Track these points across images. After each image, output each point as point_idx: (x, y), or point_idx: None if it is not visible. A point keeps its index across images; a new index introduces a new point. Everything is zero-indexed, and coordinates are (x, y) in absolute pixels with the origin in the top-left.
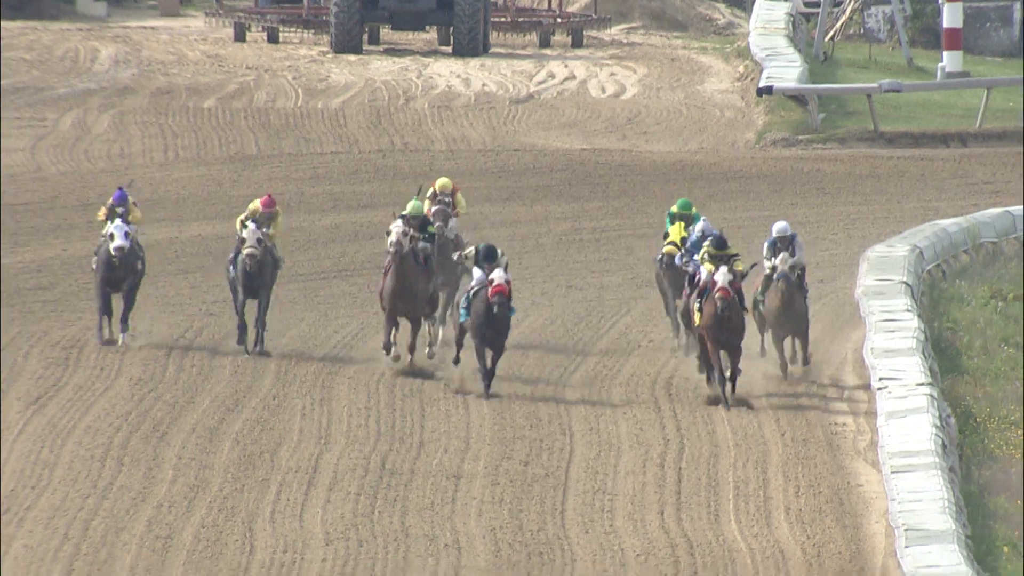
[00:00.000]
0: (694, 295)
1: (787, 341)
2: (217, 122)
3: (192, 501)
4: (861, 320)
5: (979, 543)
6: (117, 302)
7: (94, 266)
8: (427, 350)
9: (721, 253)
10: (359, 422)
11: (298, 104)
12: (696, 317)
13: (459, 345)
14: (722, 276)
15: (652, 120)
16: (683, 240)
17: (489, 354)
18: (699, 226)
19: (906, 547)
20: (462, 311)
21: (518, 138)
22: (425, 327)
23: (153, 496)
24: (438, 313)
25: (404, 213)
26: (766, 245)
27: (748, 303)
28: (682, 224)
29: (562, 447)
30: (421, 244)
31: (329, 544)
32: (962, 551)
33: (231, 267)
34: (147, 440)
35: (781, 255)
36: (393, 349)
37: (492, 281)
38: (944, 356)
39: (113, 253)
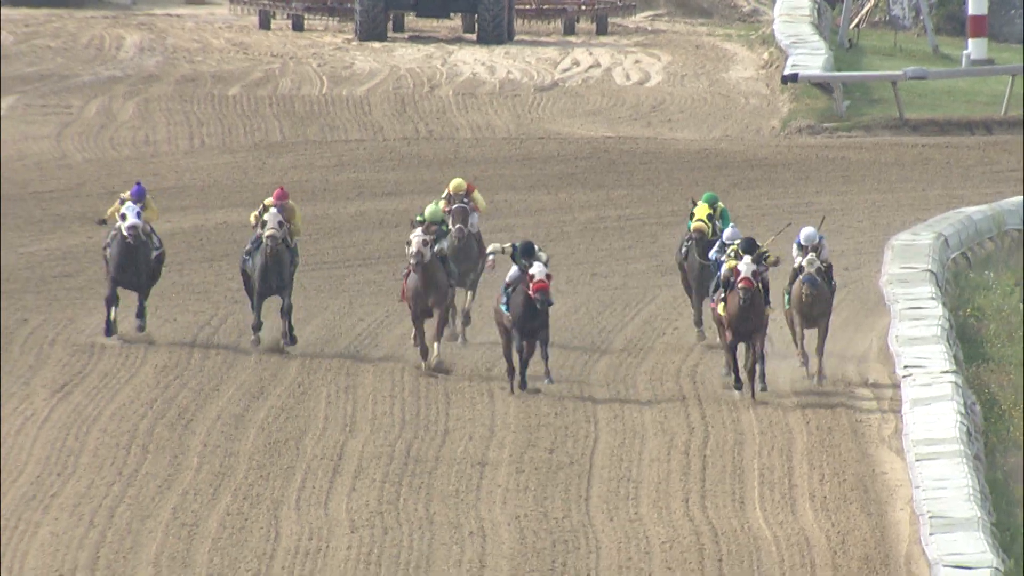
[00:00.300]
0: (717, 283)
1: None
2: (242, 110)
3: (217, 488)
4: (886, 308)
5: (1004, 530)
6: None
7: (105, 258)
8: (431, 358)
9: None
10: (384, 410)
11: (323, 92)
12: (719, 307)
13: (507, 344)
14: (745, 266)
15: (677, 108)
16: (708, 217)
17: (535, 350)
18: (728, 232)
19: (931, 535)
20: (503, 306)
21: (543, 126)
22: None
23: (178, 483)
24: (458, 314)
25: (421, 219)
26: (794, 247)
27: (776, 300)
28: (707, 205)
29: (587, 435)
30: (439, 245)
31: (354, 531)
32: (987, 538)
33: (247, 258)
34: (172, 428)
35: (808, 256)
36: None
37: (532, 277)
38: (969, 344)
39: (126, 233)
